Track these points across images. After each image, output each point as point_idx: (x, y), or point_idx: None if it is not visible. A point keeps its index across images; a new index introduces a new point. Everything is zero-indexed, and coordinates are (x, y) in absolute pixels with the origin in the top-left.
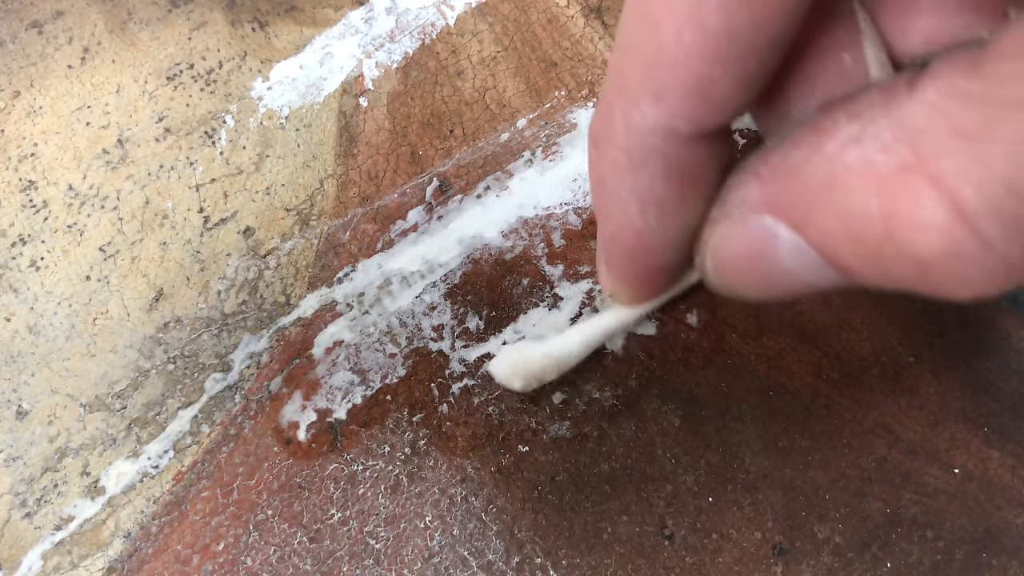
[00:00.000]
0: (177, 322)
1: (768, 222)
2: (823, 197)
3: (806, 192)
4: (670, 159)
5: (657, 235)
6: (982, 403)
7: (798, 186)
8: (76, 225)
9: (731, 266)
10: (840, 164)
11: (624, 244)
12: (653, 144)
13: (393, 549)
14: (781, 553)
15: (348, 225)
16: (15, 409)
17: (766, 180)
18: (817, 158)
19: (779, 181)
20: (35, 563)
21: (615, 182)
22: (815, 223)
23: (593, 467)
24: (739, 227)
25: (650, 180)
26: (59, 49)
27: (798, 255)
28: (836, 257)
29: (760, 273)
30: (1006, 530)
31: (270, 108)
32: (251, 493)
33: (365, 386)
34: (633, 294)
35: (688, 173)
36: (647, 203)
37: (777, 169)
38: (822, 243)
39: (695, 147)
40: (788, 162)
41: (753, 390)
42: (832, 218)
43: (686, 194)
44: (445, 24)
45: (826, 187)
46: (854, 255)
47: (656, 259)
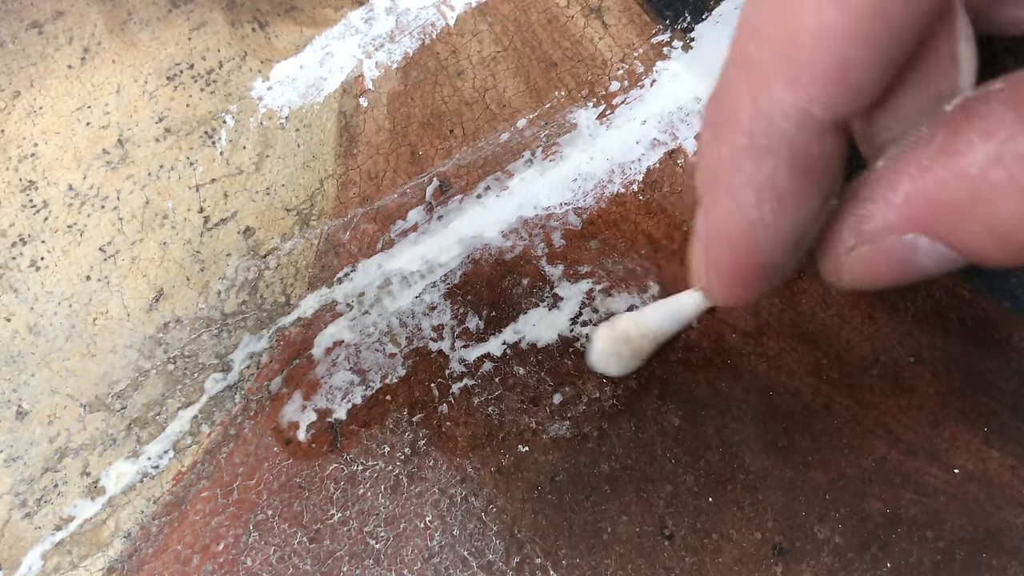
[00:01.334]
0: (177, 322)
1: (908, 238)
2: (969, 212)
3: (950, 210)
4: (798, 148)
5: (769, 230)
6: (982, 403)
7: (941, 206)
8: (76, 225)
9: (871, 277)
10: (985, 184)
11: (731, 237)
12: (782, 130)
13: (393, 549)
14: (781, 553)
15: (348, 225)
16: (15, 409)
17: (903, 207)
18: (958, 180)
19: (918, 204)
20: (35, 563)
21: (732, 169)
22: (962, 233)
23: (593, 467)
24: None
25: (773, 169)
26: (59, 49)
27: (936, 255)
28: (981, 255)
29: (898, 275)
30: (1006, 530)
31: (270, 108)
32: (251, 493)
33: (365, 386)
34: (730, 292)
35: (814, 166)
36: (765, 194)
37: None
38: (968, 247)
39: (826, 137)
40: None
41: (753, 390)
42: (980, 228)
43: (808, 188)
44: (445, 24)
45: (971, 203)
46: (1001, 251)
47: (761, 256)
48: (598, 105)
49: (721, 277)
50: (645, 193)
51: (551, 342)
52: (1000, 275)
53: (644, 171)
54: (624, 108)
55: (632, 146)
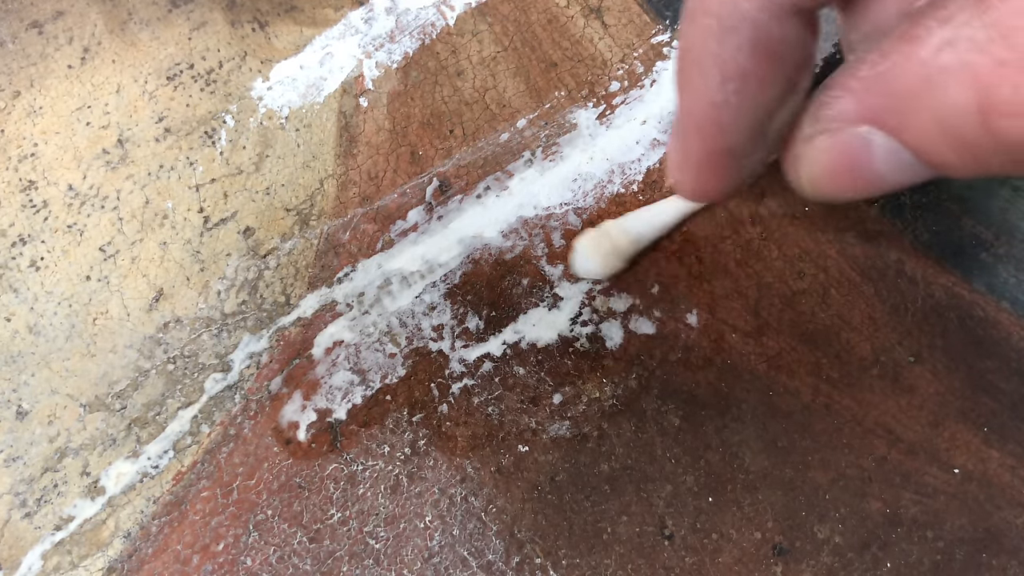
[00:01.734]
0: (177, 322)
1: (864, 131)
2: (919, 100)
3: (902, 98)
4: (759, 29)
5: (733, 110)
6: (982, 403)
7: (893, 93)
8: (76, 225)
9: (827, 176)
10: (935, 67)
11: (699, 117)
12: (745, 11)
13: (393, 549)
14: (781, 553)
15: (348, 225)
16: (15, 409)
17: (859, 92)
18: (911, 64)
19: (872, 91)
20: (35, 563)
21: (701, 50)
22: (912, 125)
23: (593, 467)
24: (836, 139)
25: (736, 50)
26: (59, 49)
27: (892, 157)
28: (933, 154)
29: (854, 178)
30: (1006, 530)
31: (270, 108)
32: (251, 493)
33: (365, 386)
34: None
35: (775, 48)
36: (730, 74)
37: (869, 80)
38: (918, 142)
39: (786, 22)
40: (881, 72)
41: (753, 390)
42: (929, 119)
43: (768, 71)
44: (445, 24)
45: (922, 90)
46: (951, 149)
47: (728, 139)
48: (598, 105)
49: (690, 164)
50: (645, 193)
51: (551, 342)
52: (1000, 275)
53: (644, 171)
54: (624, 108)
55: (632, 146)
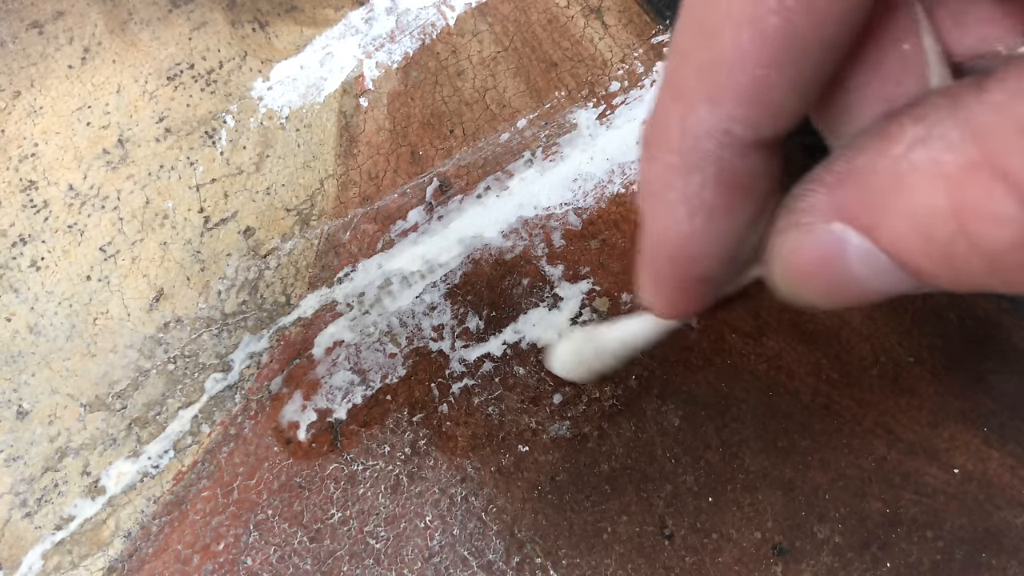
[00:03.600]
0: (177, 322)
1: (837, 229)
2: (891, 198)
3: (874, 195)
4: (723, 165)
5: (702, 242)
6: (982, 403)
7: (866, 190)
8: (76, 225)
9: (801, 275)
10: (907, 165)
11: (669, 251)
12: (707, 148)
13: (393, 549)
14: (781, 553)
15: (348, 225)
16: (15, 409)
17: (833, 187)
18: (883, 161)
19: (846, 187)
20: (35, 563)
21: (665, 186)
22: (884, 225)
23: (593, 467)
24: (808, 235)
25: (701, 186)
26: (60, 49)
27: (868, 260)
28: (906, 258)
29: (830, 281)
30: (1006, 530)
31: (270, 108)
32: (251, 493)
33: (365, 386)
34: (671, 306)
35: (740, 181)
36: (696, 208)
37: (843, 175)
38: (892, 244)
39: (749, 154)
40: (854, 167)
41: (753, 390)
42: (901, 218)
43: (736, 203)
44: (445, 24)
45: (894, 188)
46: (925, 254)
47: (699, 268)
48: (598, 105)
49: (663, 291)
50: None
51: (551, 342)
52: None
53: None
54: (624, 108)
55: (632, 146)
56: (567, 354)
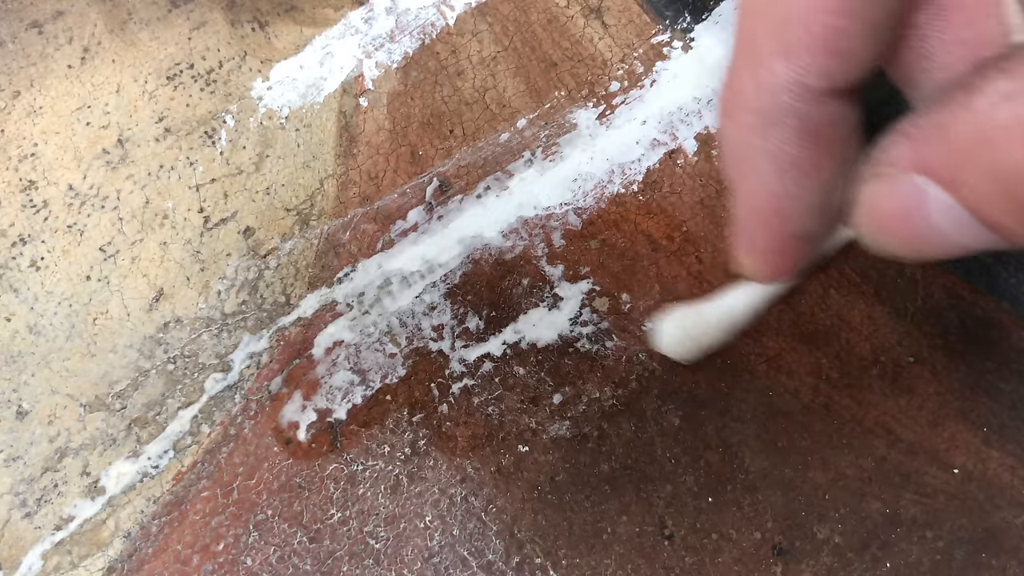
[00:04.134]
0: (177, 322)
1: (919, 181)
2: (974, 155)
3: (956, 151)
4: (803, 118)
5: (794, 199)
6: (982, 403)
7: (948, 145)
8: (76, 225)
9: (883, 225)
10: (991, 122)
11: (763, 212)
12: (785, 103)
13: (393, 549)
14: (781, 553)
15: (348, 225)
16: (15, 409)
17: (916, 140)
18: (967, 116)
19: (928, 140)
20: (35, 563)
21: (749, 147)
22: (966, 181)
23: (593, 467)
24: (889, 186)
25: (784, 141)
26: (59, 49)
27: (949, 214)
28: (987, 215)
29: (911, 232)
30: (1006, 530)
31: (270, 108)
32: (251, 493)
33: (365, 386)
34: (770, 267)
35: (822, 133)
36: (783, 166)
37: (926, 129)
38: (973, 201)
39: (827, 104)
40: (937, 121)
41: (753, 390)
42: (984, 176)
43: (821, 155)
44: (445, 24)
45: (977, 145)
46: (1006, 212)
47: (794, 225)
48: (598, 105)
49: (760, 254)
50: (645, 193)
51: (551, 342)
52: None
53: (644, 171)
54: (624, 108)
55: (632, 146)
56: (675, 331)
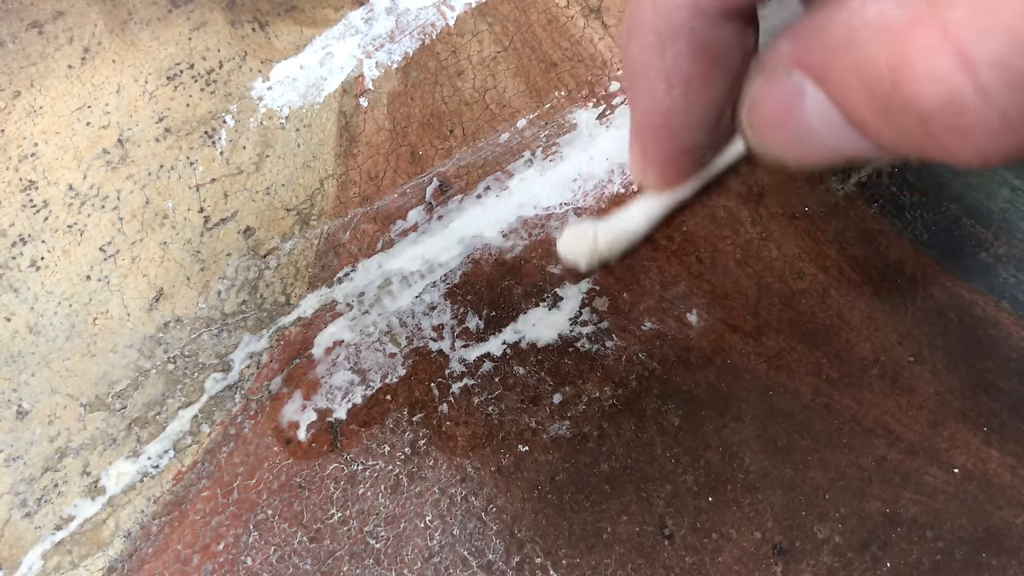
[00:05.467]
0: (177, 322)
1: (796, 78)
2: (842, 51)
3: (828, 47)
4: (695, 37)
5: (683, 113)
6: (982, 403)
7: (822, 42)
8: (76, 225)
9: (765, 123)
10: (859, 18)
11: (652, 124)
12: (679, 21)
13: (393, 549)
14: (781, 553)
15: (348, 225)
16: (15, 409)
17: (796, 37)
18: (840, 14)
19: (807, 37)
20: (35, 563)
21: (644, 63)
22: (834, 76)
23: (593, 467)
24: (772, 83)
25: (676, 58)
26: (59, 49)
27: (822, 112)
28: (852, 111)
29: (791, 131)
30: (1006, 530)
31: (270, 108)
32: (251, 493)
33: (365, 386)
34: (661, 177)
35: (713, 52)
36: (673, 81)
37: (806, 26)
38: (840, 96)
39: (719, 26)
40: (816, 20)
41: (753, 390)
42: (849, 71)
43: (711, 73)
44: (445, 24)
45: (845, 41)
46: (867, 108)
47: (682, 139)
48: (598, 105)
49: (651, 164)
50: None
51: (551, 342)
52: (1000, 275)
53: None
54: (624, 108)
55: None
56: (575, 240)
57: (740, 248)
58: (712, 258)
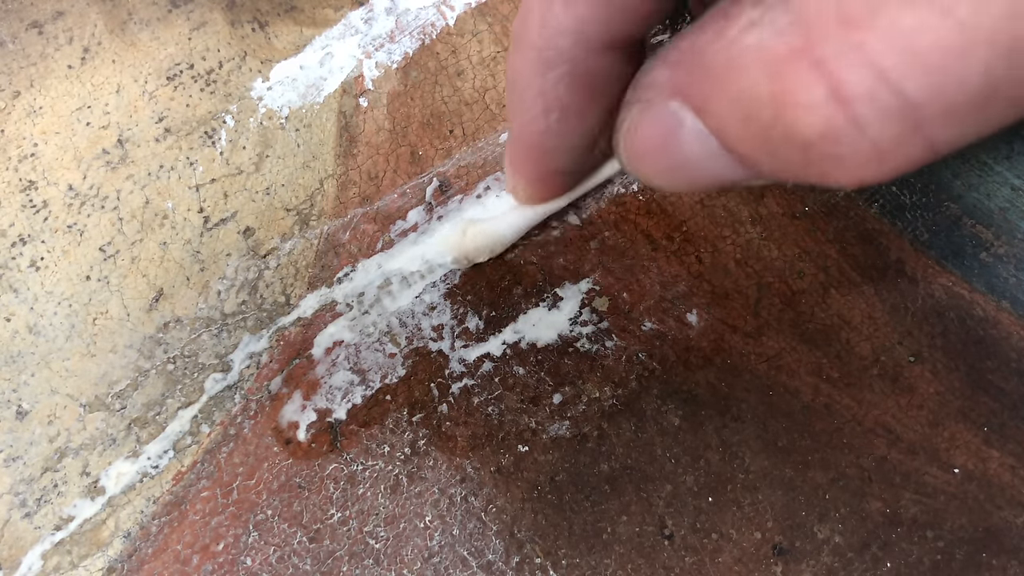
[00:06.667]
0: (177, 322)
1: (674, 107)
2: (721, 80)
3: (707, 75)
4: (576, 65)
5: (557, 138)
6: (982, 403)
7: (700, 70)
8: (76, 225)
9: (641, 151)
10: (738, 48)
11: (526, 143)
12: (562, 47)
13: (393, 549)
14: (781, 553)
15: (348, 225)
16: (15, 409)
17: (673, 64)
18: (719, 42)
19: (684, 65)
20: (35, 563)
21: (525, 81)
22: (713, 106)
23: (593, 467)
24: (648, 112)
25: (555, 83)
26: (59, 49)
27: (701, 142)
28: (731, 141)
29: (667, 160)
30: (1006, 530)
31: (270, 108)
32: (251, 493)
33: (365, 386)
34: (529, 193)
35: (593, 82)
36: (551, 105)
37: (684, 53)
38: (719, 127)
39: (602, 57)
40: (694, 46)
41: (753, 390)
42: (728, 101)
43: (588, 103)
44: (445, 24)
45: (724, 70)
46: (747, 138)
47: (554, 161)
48: None
49: (522, 180)
50: (645, 193)
51: (551, 342)
52: (1000, 275)
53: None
54: None
55: None
56: (449, 234)
57: (740, 248)
58: (712, 258)
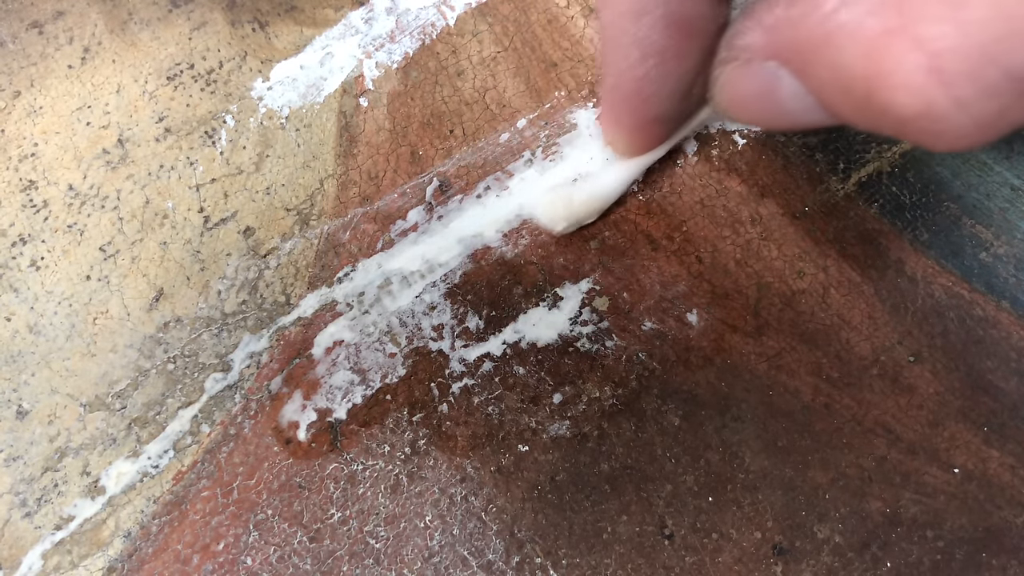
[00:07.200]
0: (177, 322)
1: (772, 67)
2: (820, 51)
3: (806, 45)
4: (670, 8)
5: (655, 83)
6: (982, 403)
7: (799, 39)
8: (76, 225)
9: (739, 102)
10: (835, 23)
11: (624, 91)
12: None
13: (393, 549)
14: (781, 553)
15: (348, 225)
16: (15, 409)
17: (770, 30)
18: (815, 15)
19: (782, 33)
20: (35, 563)
21: (618, 30)
22: (812, 73)
23: (593, 467)
24: (747, 70)
25: (651, 28)
26: (59, 49)
27: (798, 97)
28: (830, 104)
29: (765, 110)
30: (1006, 530)
31: (270, 108)
32: (251, 493)
33: (365, 386)
34: (630, 144)
35: (687, 23)
36: (647, 51)
37: (780, 21)
38: (818, 90)
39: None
40: (790, 16)
41: (753, 390)
42: (827, 71)
43: (685, 45)
44: (445, 24)
45: (822, 43)
46: (845, 105)
47: (653, 108)
48: (598, 105)
49: (621, 130)
50: (645, 193)
51: (551, 342)
52: (1000, 275)
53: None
54: None
55: None
56: (553, 204)
57: (740, 248)
58: (712, 258)
